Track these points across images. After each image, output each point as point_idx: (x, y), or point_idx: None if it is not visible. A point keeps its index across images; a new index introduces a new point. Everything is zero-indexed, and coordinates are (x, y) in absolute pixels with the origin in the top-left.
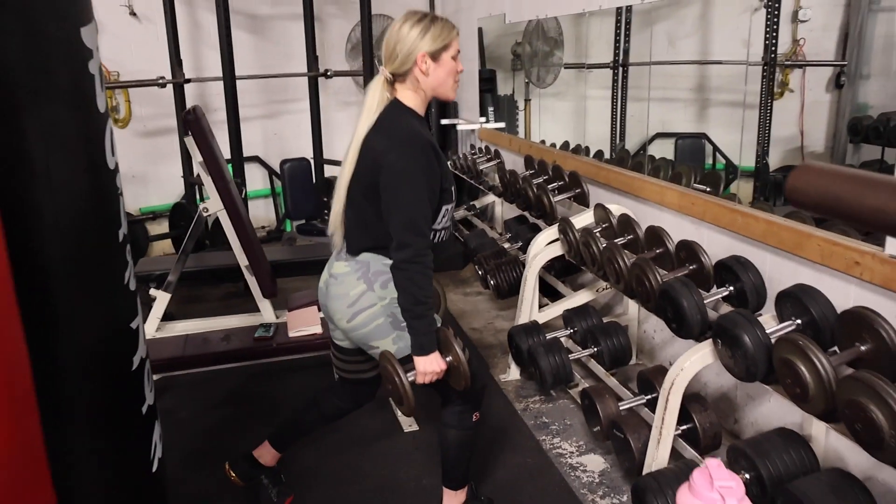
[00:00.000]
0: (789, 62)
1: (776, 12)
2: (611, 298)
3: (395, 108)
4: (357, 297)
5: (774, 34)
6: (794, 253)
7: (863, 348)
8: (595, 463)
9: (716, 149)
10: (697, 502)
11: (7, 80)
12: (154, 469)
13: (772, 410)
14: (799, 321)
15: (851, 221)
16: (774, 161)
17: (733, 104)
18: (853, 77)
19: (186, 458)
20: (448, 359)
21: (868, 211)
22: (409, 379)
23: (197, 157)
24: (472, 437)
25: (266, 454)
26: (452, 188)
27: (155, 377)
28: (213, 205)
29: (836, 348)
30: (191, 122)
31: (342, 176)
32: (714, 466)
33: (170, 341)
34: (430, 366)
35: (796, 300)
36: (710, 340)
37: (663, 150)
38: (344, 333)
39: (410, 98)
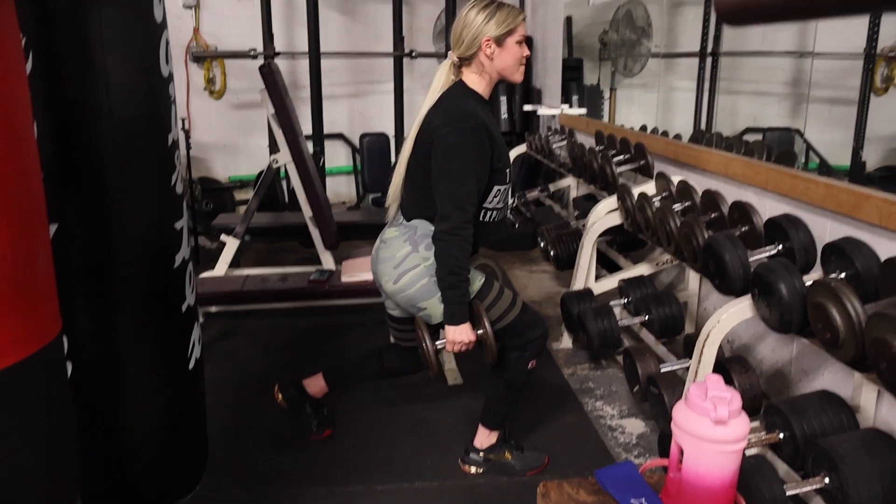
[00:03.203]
0: (894, 54)
1: None
2: (674, 277)
3: (457, 89)
4: (403, 258)
5: (876, 25)
6: (852, 216)
7: None
8: (634, 426)
9: (809, 146)
10: (689, 412)
11: None
12: (191, 367)
13: (825, 384)
14: (843, 274)
15: (794, 15)
16: (875, 160)
17: (832, 101)
18: None
19: (244, 389)
20: (479, 332)
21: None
22: (439, 346)
23: (269, 110)
24: (522, 383)
25: (315, 386)
26: (508, 170)
27: (214, 310)
28: (282, 157)
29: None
30: (266, 75)
31: (404, 151)
32: (713, 380)
33: (231, 279)
34: (459, 335)
35: (840, 252)
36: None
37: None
38: (392, 297)
39: (475, 81)
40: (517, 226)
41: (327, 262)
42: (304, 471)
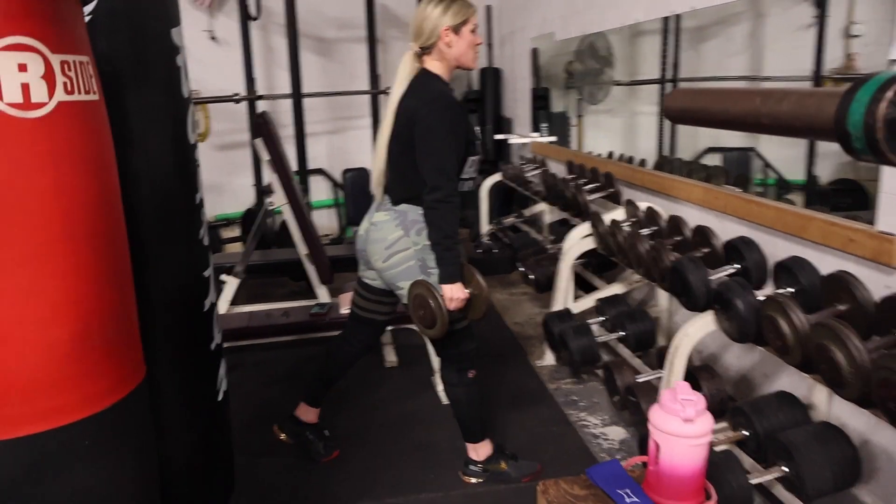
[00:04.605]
0: (839, 76)
1: (824, 29)
2: (645, 294)
3: (424, 75)
4: (395, 240)
5: (821, 49)
6: (798, 235)
7: (841, 308)
8: (616, 433)
9: (766, 164)
10: (663, 413)
11: (116, 69)
12: (219, 399)
13: (783, 386)
14: (792, 289)
15: (717, 125)
16: (827, 174)
17: None
18: None
19: (251, 421)
20: (469, 289)
21: (727, 115)
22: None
23: (265, 157)
24: (475, 392)
25: (306, 412)
26: (477, 142)
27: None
28: (277, 199)
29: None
30: (261, 125)
31: (381, 137)
32: (681, 386)
33: (236, 316)
34: (456, 292)
35: (788, 270)
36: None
37: (714, 163)
38: (378, 273)
39: (437, 67)
40: (496, 251)
41: (323, 295)
42: (317, 490)
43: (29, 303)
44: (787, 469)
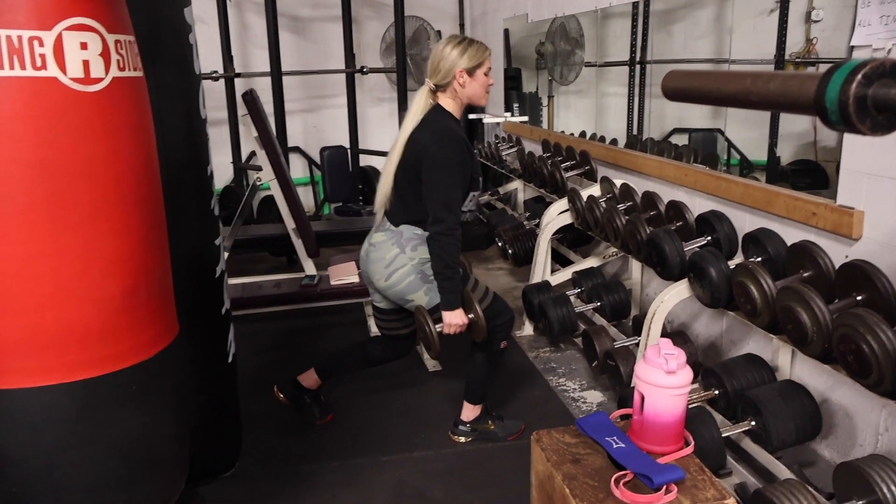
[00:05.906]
0: (800, 60)
1: (786, 14)
2: (618, 268)
3: (437, 112)
4: (392, 259)
5: (783, 33)
6: (765, 210)
7: (805, 274)
8: (594, 397)
9: (730, 144)
10: (648, 367)
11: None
12: (229, 360)
13: (750, 351)
14: (760, 258)
15: (710, 102)
16: (788, 155)
17: None
18: None
19: (246, 387)
20: (470, 315)
21: (720, 94)
22: (438, 329)
23: (253, 133)
24: (496, 361)
25: (309, 379)
26: (479, 178)
27: None
28: (265, 175)
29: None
30: (249, 102)
31: (389, 164)
32: (664, 342)
33: (230, 287)
34: (455, 319)
35: (756, 240)
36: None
37: (681, 143)
38: (382, 293)
39: (450, 104)
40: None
41: (309, 268)
42: (314, 450)
43: (87, 260)
44: (754, 423)
